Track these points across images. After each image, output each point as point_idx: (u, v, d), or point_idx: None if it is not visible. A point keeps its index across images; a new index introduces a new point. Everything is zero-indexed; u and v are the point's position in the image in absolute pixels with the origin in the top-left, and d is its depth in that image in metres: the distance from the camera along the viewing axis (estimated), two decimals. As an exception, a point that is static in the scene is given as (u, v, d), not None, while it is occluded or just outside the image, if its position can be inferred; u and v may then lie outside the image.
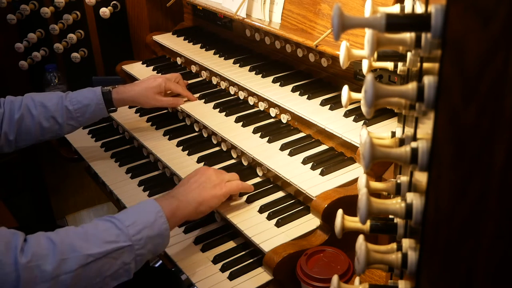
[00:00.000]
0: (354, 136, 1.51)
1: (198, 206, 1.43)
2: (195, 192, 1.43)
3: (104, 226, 1.24)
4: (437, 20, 0.56)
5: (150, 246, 1.28)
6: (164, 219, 1.31)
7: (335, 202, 1.36)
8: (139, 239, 1.25)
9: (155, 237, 1.29)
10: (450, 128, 0.58)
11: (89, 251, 1.17)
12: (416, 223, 0.67)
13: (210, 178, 1.48)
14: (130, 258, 1.24)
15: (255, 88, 1.86)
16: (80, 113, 1.82)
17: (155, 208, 1.32)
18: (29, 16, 2.43)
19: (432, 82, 0.58)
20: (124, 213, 1.30)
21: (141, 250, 1.26)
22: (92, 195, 3.04)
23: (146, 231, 1.26)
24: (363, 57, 0.94)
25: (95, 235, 1.20)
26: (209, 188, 1.46)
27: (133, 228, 1.25)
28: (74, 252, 1.15)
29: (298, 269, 1.30)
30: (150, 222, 1.28)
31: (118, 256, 1.21)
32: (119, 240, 1.22)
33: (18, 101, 1.77)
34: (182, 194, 1.42)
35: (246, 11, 1.89)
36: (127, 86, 1.94)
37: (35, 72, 2.54)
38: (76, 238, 1.18)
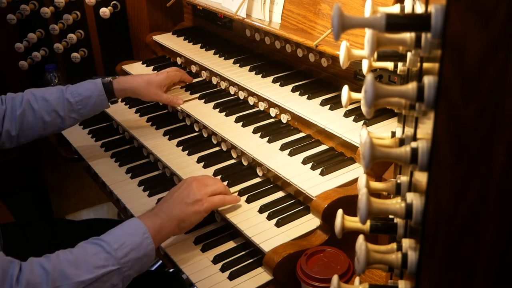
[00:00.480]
0: (354, 136, 1.51)
1: (179, 223, 1.43)
2: (176, 209, 1.43)
3: (93, 251, 1.26)
4: (437, 20, 0.56)
5: (136, 266, 1.31)
6: (150, 240, 1.33)
7: (335, 202, 1.36)
8: (126, 262, 1.28)
9: (142, 257, 1.32)
10: (450, 128, 0.58)
11: (81, 277, 1.20)
12: (416, 223, 0.67)
13: (191, 194, 1.46)
14: (118, 280, 1.27)
15: (255, 88, 1.86)
16: (81, 105, 1.83)
17: (141, 229, 1.33)
18: (29, 16, 2.42)
19: (432, 82, 0.58)
20: (111, 235, 1.31)
21: (128, 271, 1.29)
22: (92, 195, 3.04)
23: (133, 253, 1.29)
24: (363, 57, 0.94)
25: (85, 261, 1.23)
26: (190, 204, 1.44)
27: (121, 251, 1.27)
28: (66, 280, 1.18)
29: (298, 269, 1.30)
30: (137, 244, 1.30)
31: (107, 279, 1.25)
32: (108, 264, 1.25)
33: (19, 97, 1.78)
34: (165, 211, 1.43)
35: (246, 11, 1.89)
36: (129, 77, 1.96)
37: (35, 72, 2.54)
38: (67, 265, 1.21)
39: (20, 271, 1.15)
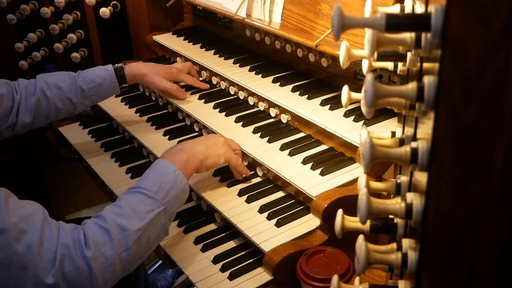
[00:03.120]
0: (354, 136, 1.51)
1: (204, 159, 1.53)
2: (201, 147, 1.54)
3: (137, 199, 1.34)
4: (437, 20, 0.56)
5: (178, 202, 1.41)
6: (182, 176, 1.41)
7: (335, 202, 1.36)
8: (168, 200, 1.36)
9: (179, 194, 1.41)
10: (450, 128, 0.58)
11: (136, 226, 1.28)
12: (416, 223, 0.67)
13: (218, 140, 1.60)
14: (166, 219, 1.36)
15: (255, 88, 1.86)
16: (93, 92, 1.86)
17: (171, 167, 1.41)
18: (29, 16, 2.42)
19: (432, 82, 0.58)
20: (147, 181, 1.38)
21: (172, 208, 1.39)
22: (92, 195, 3.04)
23: (172, 191, 1.38)
24: (363, 57, 0.94)
25: (134, 210, 1.31)
26: (214, 147, 1.57)
27: (161, 193, 1.35)
28: (124, 232, 1.27)
29: (298, 269, 1.30)
30: (172, 182, 1.39)
31: (158, 221, 1.34)
32: (154, 208, 1.33)
33: (33, 85, 1.80)
34: (189, 146, 1.53)
35: (246, 11, 1.89)
36: (140, 64, 2.00)
37: (35, 72, 2.52)
38: (120, 218, 1.28)
39: (85, 236, 1.22)
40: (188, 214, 1.66)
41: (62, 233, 1.19)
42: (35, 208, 1.21)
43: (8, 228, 1.11)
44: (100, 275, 1.21)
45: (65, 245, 1.18)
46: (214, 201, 1.60)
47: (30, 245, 1.14)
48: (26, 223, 1.15)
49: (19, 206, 1.18)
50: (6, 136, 1.78)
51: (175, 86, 1.99)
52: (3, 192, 1.17)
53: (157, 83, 1.98)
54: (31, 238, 1.14)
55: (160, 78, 1.97)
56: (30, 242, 1.14)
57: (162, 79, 1.98)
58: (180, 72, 2.03)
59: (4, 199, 1.15)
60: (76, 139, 2.12)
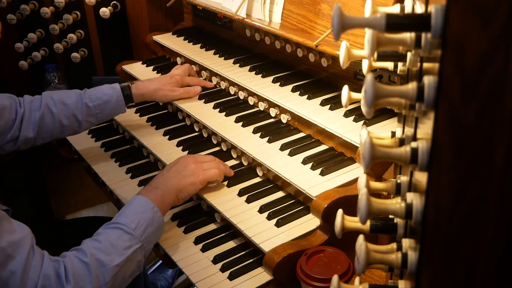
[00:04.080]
0: (354, 136, 1.51)
1: (178, 193, 1.53)
2: (174, 180, 1.54)
3: (116, 234, 1.35)
4: (437, 20, 0.56)
5: (154, 239, 1.44)
6: (159, 213, 1.44)
7: (335, 202, 1.36)
8: (146, 237, 1.39)
9: (157, 230, 1.43)
10: (450, 128, 0.58)
11: (115, 262, 1.30)
12: (416, 223, 0.67)
13: (188, 167, 1.58)
14: (142, 255, 1.39)
15: (255, 88, 1.86)
16: (99, 109, 1.84)
17: (149, 204, 1.43)
18: (29, 16, 2.42)
19: (432, 82, 0.58)
20: (125, 217, 1.40)
21: (148, 245, 1.41)
22: (92, 195, 3.04)
23: (149, 228, 1.40)
24: (363, 57, 0.94)
25: (113, 246, 1.33)
26: (186, 176, 1.55)
27: (139, 229, 1.38)
28: (104, 267, 1.28)
29: (298, 269, 1.30)
30: (150, 219, 1.41)
31: (134, 257, 1.36)
32: (132, 244, 1.35)
33: (37, 100, 1.78)
34: (162, 183, 1.53)
35: (246, 11, 1.89)
36: (146, 81, 1.99)
37: (35, 72, 2.54)
38: (99, 253, 1.30)
39: (65, 269, 1.24)
40: (188, 214, 1.67)
41: (45, 264, 1.21)
42: (25, 234, 1.21)
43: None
44: None
45: (47, 276, 1.19)
46: (214, 201, 1.60)
47: (14, 271, 1.15)
48: (14, 249, 1.16)
49: (10, 230, 1.18)
50: (8, 151, 1.77)
51: (186, 90, 2.00)
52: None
53: (169, 95, 1.98)
54: (16, 264, 1.15)
55: (170, 89, 1.97)
56: (15, 269, 1.15)
57: (172, 89, 1.97)
58: (183, 77, 2.03)
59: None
60: (76, 139, 2.12)
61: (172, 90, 1.97)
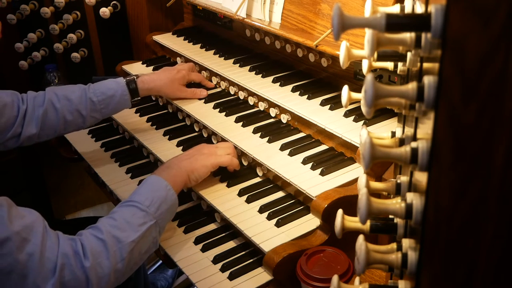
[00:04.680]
0: (354, 136, 1.51)
1: (189, 174, 1.56)
2: (186, 161, 1.58)
3: (131, 212, 1.38)
4: (437, 20, 0.56)
5: (168, 216, 1.47)
6: (172, 191, 1.47)
7: (335, 202, 1.36)
8: (160, 214, 1.42)
9: (170, 208, 1.46)
10: (450, 128, 0.58)
11: (130, 238, 1.32)
12: (416, 223, 0.67)
13: (201, 151, 1.63)
14: (156, 232, 1.41)
15: (255, 88, 1.86)
16: (104, 104, 1.83)
17: (163, 183, 1.47)
18: (29, 16, 2.42)
19: (432, 82, 0.58)
20: (140, 195, 1.43)
21: (162, 222, 1.44)
22: (92, 195, 3.04)
23: (163, 206, 1.43)
24: (363, 57, 0.94)
25: (128, 223, 1.35)
26: (199, 158, 1.60)
27: (153, 207, 1.40)
28: (120, 243, 1.30)
29: (298, 269, 1.30)
30: (163, 197, 1.44)
31: (149, 234, 1.38)
32: (147, 221, 1.38)
33: (41, 96, 1.77)
34: (175, 163, 1.57)
35: (246, 11, 1.89)
36: (152, 75, 1.97)
37: (35, 72, 2.54)
38: (115, 230, 1.32)
39: (82, 247, 1.25)
40: (188, 214, 1.67)
41: (62, 243, 1.22)
42: (35, 217, 1.22)
43: (11, 237, 1.12)
44: (96, 285, 1.24)
45: (65, 255, 1.20)
46: (214, 201, 1.60)
47: (32, 254, 1.15)
48: (28, 232, 1.16)
49: (20, 215, 1.19)
50: (11, 147, 1.76)
51: (194, 91, 2.00)
52: (5, 201, 1.17)
53: (177, 94, 1.98)
54: (33, 247, 1.15)
55: (178, 88, 1.97)
56: (32, 251, 1.15)
57: (180, 88, 1.98)
58: (189, 73, 2.03)
59: (7, 208, 1.15)
60: (76, 139, 2.12)
61: (179, 89, 1.98)
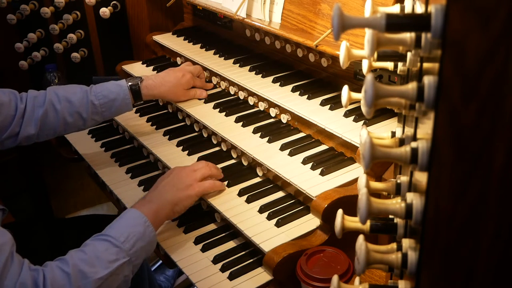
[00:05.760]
0: (354, 136, 1.51)
1: (173, 207, 1.50)
2: (169, 194, 1.50)
3: (103, 247, 1.32)
4: (437, 20, 0.56)
5: (143, 254, 1.39)
6: (151, 228, 1.40)
7: (335, 202, 1.36)
8: (134, 252, 1.35)
9: (147, 245, 1.39)
10: (450, 128, 0.58)
11: (98, 274, 1.26)
12: (416, 223, 0.67)
13: (182, 180, 1.54)
14: (129, 270, 1.35)
15: (255, 88, 1.86)
16: (105, 108, 1.81)
17: (141, 218, 1.40)
18: (29, 16, 2.42)
19: (432, 82, 0.58)
20: (115, 229, 1.37)
21: (137, 260, 1.37)
22: (92, 195, 3.04)
23: (139, 243, 1.36)
24: (363, 57, 0.94)
25: (98, 258, 1.29)
26: (182, 189, 1.52)
27: (128, 243, 1.34)
28: (86, 279, 1.25)
29: (298, 269, 1.30)
30: (141, 233, 1.37)
31: (121, 271, 1.32)
32: (119, 258, 1.32)
33: (42, 96, 1.75)
34: (157, 197, 1.49)
35: (246, 11, 1.89)
36: (156, 80, 1.94)
37: (35, 72, 2.54)
38: (83, 264, 1.26)
39: (44, 278, 1.20)
40: (188, 214, 1.66)
41: (24, 272, 1.18)
42: (5, 241, 1.19)
43: None
44: None
45: (23, 285, 1.16)
46: (214, 201, 1.60)
47: None
48: None
49: None
50: (9, 146, 1.74)
51: (197, 92, 2.00)
52: None
53: (180, 99, 1.98)
54: None
55: (182, 92, 1.96)
56: None
57: (184, 93, 1.97)
58: (193, 78, 2.02)
59: None
60: (76, 139, 2.12)
61: (183, 95, 1.97)
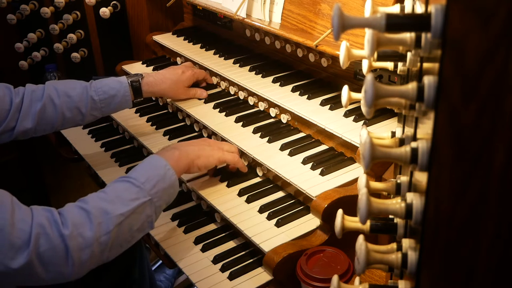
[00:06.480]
0: (354, 136, 1.51)
1: (195, 158, 1.54)
2: (193, 147, 1.56)
3: (123, 187, 1.34)
4: (437, 20, 0.56)
5: (165, 197, 1.40)
6: (172, 171, 1.42)
7: (335, 202, 1.36)
8: (155, 192, 1.36)
9: (168, 188, 1.41)
10: (450, 128, 0.58)
11: (119, 211, 1.27)
12: (416, 223, 0.67)
13: (209, 142, 1.64)
14: (151, 210, 1.36)
15: (255, 88, 1.86)
16: (105, 103, 1.81)
17: (162, 162, 1.42)
18: (29, 16, 2.42)
19: (432, 82, 0.58)
20: (136, 172, 1.40)
21: (159, 201, 1.38)
22: (92, 195, 3.03)
23: (160, 184, 1.38)
24: (363, 57, 0.94)
25: (118, 197, 1.30)
26: (207, 149, 1.59)
27: (149, 183, 1.36)
28: (106, 215, 1.26)
29: (298, 269, 1.30)
30: (161, 175, 1.39)
31: (142, 210, 1.33)
32: (140, 197, 1.33)
33: (40, 90, 1.74)
34: (182, 145, 1.56)
35: (246, 11, 1.89)
36: (156, 77, 1.94)
37: (35, 72, 2.54)
38: (103, 202, 1.28)
39: (60, 215, 1.22)
40: (188, 214, 1.67)
41: (36, 214, 1.19)
42: (2, 194, 1.20)
43: None
44: (76, 256, 1.19)
45: (40, 225, 1.17)
46: (214, 201, 1.60)
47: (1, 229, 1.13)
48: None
49: None
50: (5, 141, 1.73)
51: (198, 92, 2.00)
52: None
53: (180, 96, 1.99)
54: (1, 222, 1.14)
55: (182, 90, 1.97)
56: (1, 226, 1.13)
57: (184, 91, 1.97)
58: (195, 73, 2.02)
59: None
60: (76, 139, 2.12)
61: (183, 92, 1.97)
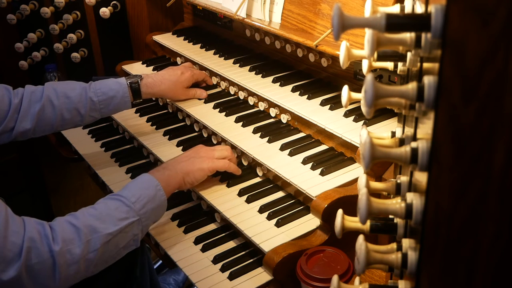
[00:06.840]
0: (354, 136, 1.51)
1: (184, 176, 1.55)
2: (183, 164, 1.57)
3: (114, 205, 1.38)
4: (437, 20, 0.56)
5: (153, 216, 1.45)
6: (162, 192, 1.46)
7: (335, 202, 1.36)
8: (144, 212, 1.41)
9: (157, 208, 1.45)
10: (450, 128, 0.58)
11: (108, 230, 1.31)
12: (416, 223, 0.67)
13: (199, 154, 1.63)
14: (138, 229, 1.40)
15: (255, 88, 1.86)
16: (104, 105, 1.81)
17: (153, 182, 1.46)
18: (29, 16, 2.42)
19: (432, 82, 0.58)
20: (127, 190, 1.43)
21: (146, 221, 1.42)
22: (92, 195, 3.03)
23: (149, 204, 1.42)
24: (363, 57, 0.94)
25: (109, 215, 1.34)
26: (196, 161, 1.59)
27: (139, 204, 1.40)
28: (96, 233, 1.30)
29: (298, 269, 1.30)
30: (151, 196, 1.43)
31: (129, 230, 1.37)
32: (129, 216, 1.37)
33: (39, 91, 1.75)
34: (172, 165, 1.57)
35: (246, 11, 1.89)
36: (155, 78, 1.95)
37: (35, 72, 2.54)
38: (94, 220, 1.32)
39: (52, 230, 1.24)
40: (188, 214, 1.67)
41: (29, 227, 1.21)
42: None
43: None
44: (63, 271, 1.23)
45: (31, 238, 1.20)
46: (214, 201, 1.60)
47: None
48: None
49: None
50: (4, 142, 1.73)
51: (197, 92, 2.00)
52: None
53: (179, 97, 1.99)
54: None
55: (182, 91, 1.97)
56: None
57: (183, 91, 1.97)
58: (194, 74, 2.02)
59: None
60: (76, 139, 2.12)
61: (182, 93, 1.97)
